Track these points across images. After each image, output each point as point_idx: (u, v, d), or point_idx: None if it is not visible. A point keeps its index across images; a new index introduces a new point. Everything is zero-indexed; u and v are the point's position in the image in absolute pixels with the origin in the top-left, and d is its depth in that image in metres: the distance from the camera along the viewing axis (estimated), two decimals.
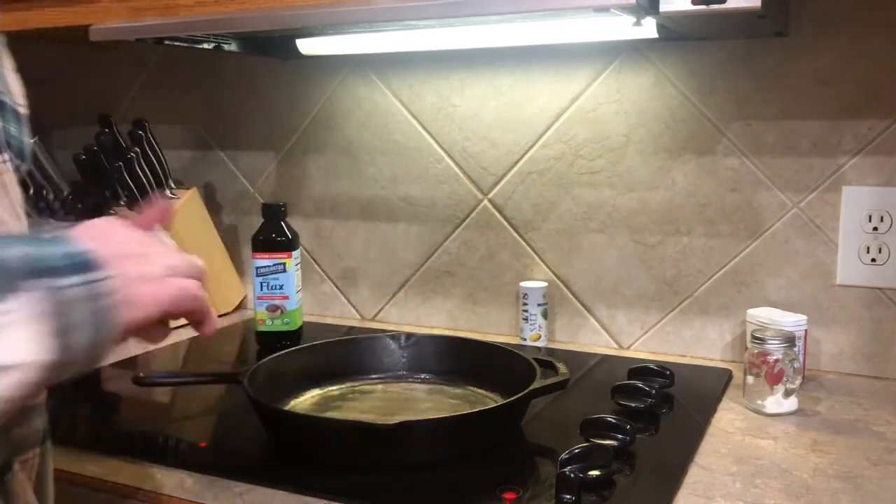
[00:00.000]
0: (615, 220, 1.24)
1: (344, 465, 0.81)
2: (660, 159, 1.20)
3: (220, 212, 1.56)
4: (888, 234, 1.09)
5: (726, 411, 0.98)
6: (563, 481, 0.73)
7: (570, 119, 1.25)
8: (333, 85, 1.42)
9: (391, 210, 1.41)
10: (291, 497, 0.77)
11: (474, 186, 1.34)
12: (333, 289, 1.49)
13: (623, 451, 0.83)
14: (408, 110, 1.37)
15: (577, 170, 1.26)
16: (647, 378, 1.02)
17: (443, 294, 1.39)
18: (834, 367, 1.14)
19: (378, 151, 1.40)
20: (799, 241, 1.14)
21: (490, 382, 1.02)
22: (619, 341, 1.27)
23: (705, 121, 1.17)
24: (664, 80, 1.19)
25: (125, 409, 1.05)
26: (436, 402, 1.00)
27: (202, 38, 1.17)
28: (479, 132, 1.32)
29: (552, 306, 1.30)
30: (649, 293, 1.24)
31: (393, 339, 1.10)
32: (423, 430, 0.82)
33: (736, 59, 1.14)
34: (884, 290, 1.10)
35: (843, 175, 1.10)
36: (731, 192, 1.17)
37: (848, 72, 1.08)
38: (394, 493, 0.77)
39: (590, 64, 1.23)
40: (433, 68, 1.33)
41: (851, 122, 1.09)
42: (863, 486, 0.78)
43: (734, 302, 1.18)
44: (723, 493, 0.77)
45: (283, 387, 0.99)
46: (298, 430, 0.85)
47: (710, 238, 1.19)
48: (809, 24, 1.09)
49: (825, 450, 0.87)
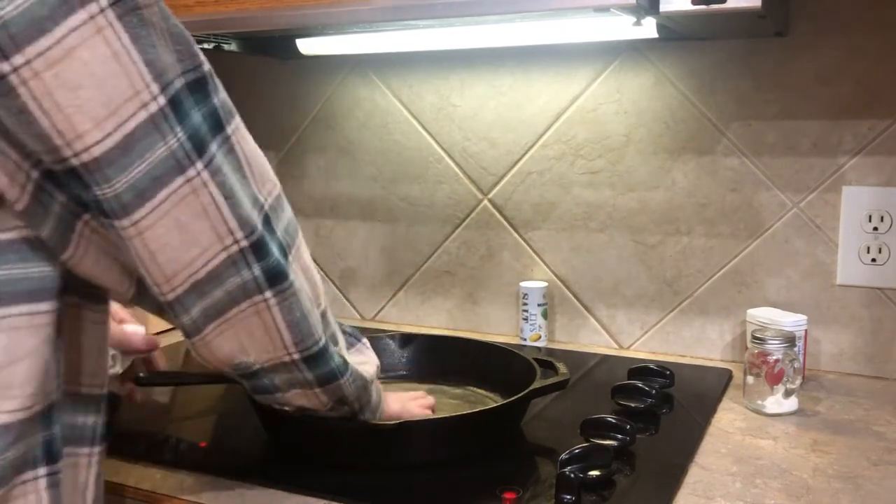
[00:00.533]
0: (615, 220, 1.24)
1: (344, 465, 0.81)
2: (660, 159, 1.20)
3: None
4: (888, 234, 1.09)
5: (726, 411, 0.98)
6: (563, 481, 0.72)
7: (570, 119, 1.25)
8: (333, 85, 1.42)
9: (391, 210, 1.41)
10: (291, 497, 0.77)
11: (474, 186, 1.34)
12: (333, 289, 1.49)
13: (623, 451, 0.83)
14: (408, 110, 1.37)
15: (577, 170, 1.26)
16: (647, 378, 1.02)
17: (442, 294, 1.39)
18: (834, 367, 1.14)
19: (378, 151, 1.40)
20: (799, 241, 1.14)
21: (490, 382, 1.02)
22: (619, 341, 1.27)
23: (705, 121, 1.17)
24: (664, 80, 1.19)
25: (125, 408, 1.05)
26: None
27: (202, 38, 1.17)
28: (479, 132, 1.32)
29: (552, 306, 1.30)
30: (649, 293, 1.24)
31: (393, 339, 1.10)
32: (423, 430, 0.82)
33: (736, 59, 1.14)
34: (884, 290, 1.10)
35: (843, 175, 1.10)
36: (731, 192, 1.17)
37: (848, 72, 1.08)
38: (394, 493, 0.77)
39: (590, 64, 1.23)
40: (433, 68, 1.33)
41: (851, 122, 1.09)
42: (863, 486, 0.78)
43: (734, 302, 1.18)
44: (723, 493, 0.77)
45: None
46: (298, 430, 0.85)
47: (710, 238, 1.19)
48: (809, 24, 1.09)
49: (825, 450, 0.87)
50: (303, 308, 0.65)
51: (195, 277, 0.59)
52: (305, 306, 0.65)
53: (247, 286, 0.61)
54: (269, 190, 0.64)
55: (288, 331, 0.65)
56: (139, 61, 0.52)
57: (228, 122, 0.60)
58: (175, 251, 0.57)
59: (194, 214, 0.57)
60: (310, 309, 0.66)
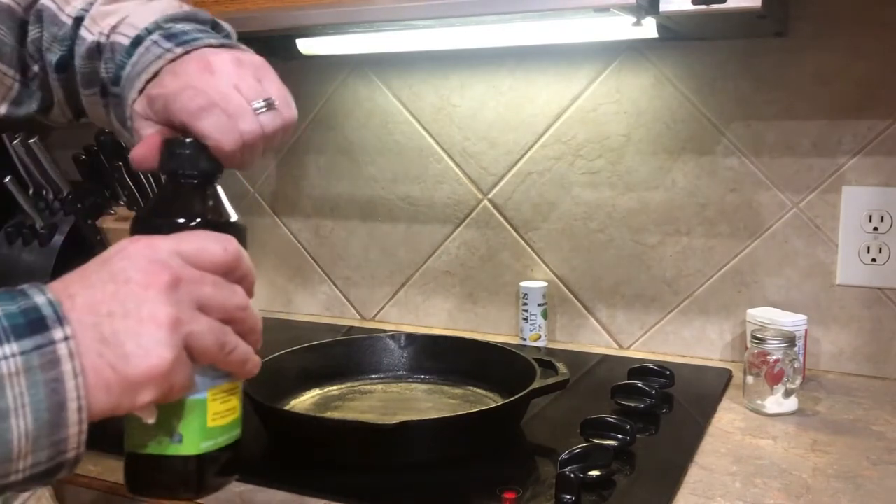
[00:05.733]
0: (615, 220, 1.24)
1: (344, 465, 0.81)
2: (660, 159, 1.20)
3: None
4: (888, 234, 1.09)
5: (726, 411, 0.98)
6: (563, 481, 0.73)
7: (570, 119, 1.25)
8: (333, 85, 1.42)
9: (391, 210, 1.41)
10: (291, 497, 0.77)
11: (474, 186, 1.34)
12: (333, 289, 1.48)
13: (623, 451, 0.83)
14: (408, 110, 1.37)
15: (577, 170, 1.26)
16: (647, 378, 1.02)
17: (442, 294, 1.39)
18: (834, 367, 1.14)
19: (378, 151, 1.40)
20: (799, 241, 1.14)
21: (490, 382, 1.02)
22: (619, 341, 1.27)
23: (705, 121, 1.17)
24: (664, 80, 1.19)
25: None
26: (436, 402, 1.00)
27: None
28: (479, 132, 1.32)
29: (552, 306, 1.30)
30: (649, 293, 1.24)
31: (393, 339, 1.10)
32: (423, 430, 0.82)
33: (736, 59, 1.14)
34: (884, 290, 1.10)
35: (843, 175, 1.10)
36: (730, 192, 1.17)
37: (848, 72, 1.08)
38: (394, 493, 0.77)
39: (590, 64, 1.23)
40: (433, 68, 1.33)
41: (851, 122, 1.09)
42: (863, 486, 0.78)
43: (734, 302, 1.18)
44: (723, 493, 0.77)
45: (283, 387, 0.99)
46: (298, 430, 0.85)
47: (710, 238, 1.19)
48: (809, 24, 1.09)
49: (825, 450, 0.87)
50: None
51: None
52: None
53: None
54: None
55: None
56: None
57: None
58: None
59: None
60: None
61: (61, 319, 0.41)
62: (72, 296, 0.42)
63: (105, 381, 0.42)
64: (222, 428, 0.52)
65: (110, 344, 0.42)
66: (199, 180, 0.53)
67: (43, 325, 0.41)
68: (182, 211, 0.52)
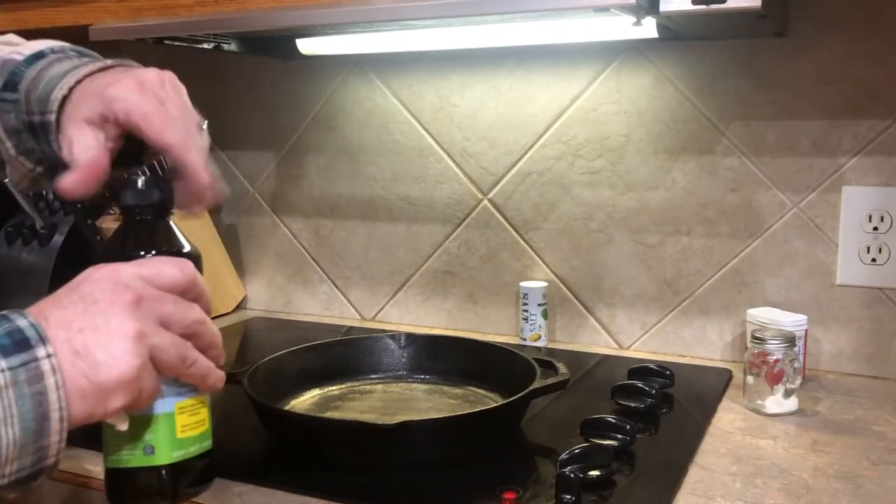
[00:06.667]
0: (615, 220, 1.24)
1: (344, 465, 0.81)
2: (660, 159, 1.20)
3: (219, 212, 1.56)
4: (888, 234, 1.09)
5: (726, 411, 0.98)
6: (563, 481, 0.73)
7: (570, 119, 1.25)
8: (333, 85, 1.42)
9: (391, 210, 1.41)
10: (291, 497, 0.77)
11: (474, 186, 1.34)
12: (333, 289, 1.48)
13: (623, 451, 0.83)
14: (408, 110, 1.37)
15: (577, 170, 1.26)
16: (647, 378, 1.02)
17: (442, 294, 1.39)
18: (834, 367, 1.14)
19: (378, 151, 1.40)
20: (799, 241, 1.14)
21: (490, 382, 1.02)
22: (619, 341, 1.27)
23: (705, 121, 1.17)
24: (664, 80, 1.19)
25: None
26: (436, 402, 1.00)
27: (202, 38, 1.17)
28: (479, 132, 1.32)
29: (552, 306, 1.30)
30: (649, 293, 1.24)
31: (393, 339, 1.10)
32: (423, 430, 0.82)
33: (736, 59, 1.14)
34: (884, 290, 1.10)
35: (843, 175, 1.10)
36: (731, 192, 1.17)
37: (848, 72, 1.08)
38: (394, 493, 0.77)
39: (590, 64, 1.23)
40: (433, 68, 1.33)
41: (851, 122, 1.09)
42: (862, 486, 0.78)
43: (734, 302, 1.18)
44: (723, 493, 0.77)
45: (283, 387, 0.99)
46: (298, 430, 0.85)
47: (710, 238, 1.19)
48: (809, 24, 1.09)
49: (825, 450, 0.87)
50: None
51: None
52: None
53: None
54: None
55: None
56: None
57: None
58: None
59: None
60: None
61: (44, 339, 0.46)
62: (46, 317, 0.47)
63: (80, 389, 0.47)
64: (192, 439, 0.58)
65: (82, 355, 0.47)
66: (152, 216, 0.60)
67: (27, 345, 0.45)
68: (140, 244, 0.58)
